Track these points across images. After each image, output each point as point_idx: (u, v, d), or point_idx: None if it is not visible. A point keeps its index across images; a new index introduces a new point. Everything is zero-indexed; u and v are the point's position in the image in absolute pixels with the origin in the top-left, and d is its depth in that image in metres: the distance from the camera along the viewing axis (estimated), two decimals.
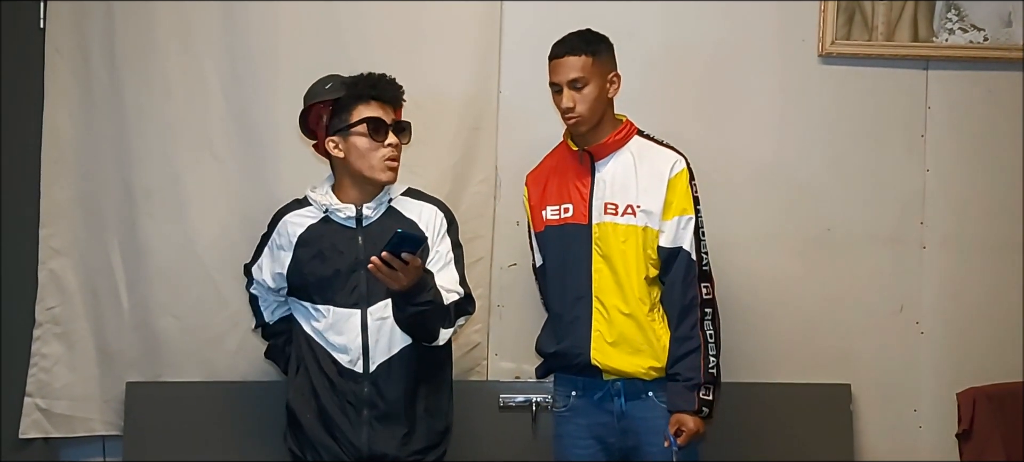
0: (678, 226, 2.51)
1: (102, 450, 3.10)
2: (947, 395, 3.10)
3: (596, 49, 2.53)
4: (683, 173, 2.54)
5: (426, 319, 2.40)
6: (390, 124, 2.47)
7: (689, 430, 2.46)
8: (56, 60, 2.99)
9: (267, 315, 2.65)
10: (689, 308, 2.50)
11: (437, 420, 2.53)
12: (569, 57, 2.51)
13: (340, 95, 2.46)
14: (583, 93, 2.51)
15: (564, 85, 2.51)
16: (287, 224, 2.54)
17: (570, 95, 2.51)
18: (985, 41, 3.09)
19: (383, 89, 2.48)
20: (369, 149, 2.45)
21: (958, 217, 3.14)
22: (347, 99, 2.46)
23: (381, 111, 2.46)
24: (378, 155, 2.45)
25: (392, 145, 2.46)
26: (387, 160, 2.46)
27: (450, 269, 2.50)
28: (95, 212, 3.01)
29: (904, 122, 3.13)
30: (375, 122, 2.45)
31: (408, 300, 2.34)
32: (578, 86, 2.50)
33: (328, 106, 2.47)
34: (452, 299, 2.45)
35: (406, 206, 2.54)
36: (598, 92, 2.52)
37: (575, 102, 2.51)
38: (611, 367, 2.52)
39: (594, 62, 2.51)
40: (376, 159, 2.45)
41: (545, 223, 2.63)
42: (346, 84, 2.47)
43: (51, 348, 3.01)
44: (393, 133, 2.47)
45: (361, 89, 2.46)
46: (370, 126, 2.44)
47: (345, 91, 2.46)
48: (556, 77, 2.53)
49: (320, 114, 2.48)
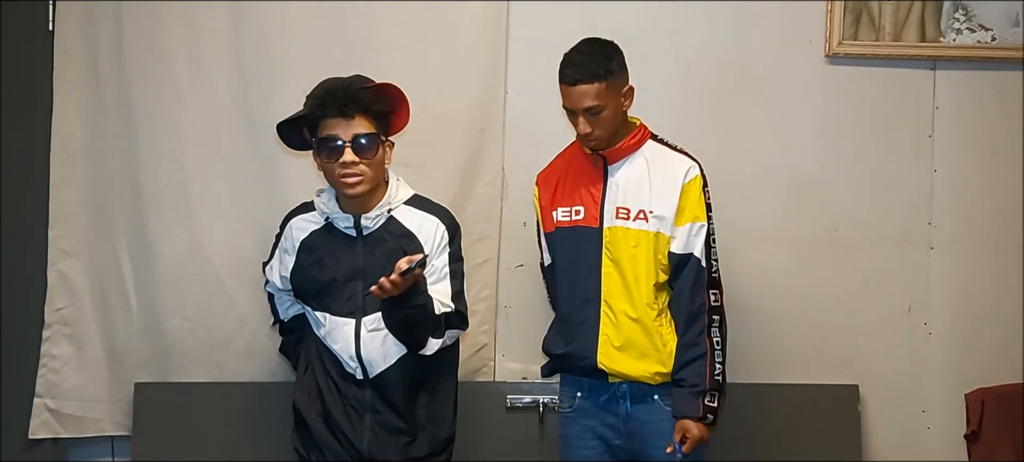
0: (690, 233, 2.51)
1: (111, 451, 3.11)
2: (955, 396, 3.10)
3: (609, 70, 2.46)
4: (697, 180, 2.53)
5: (416, 324, 2.38)
6: (348, 140, 2.37)
7: (694, 436, 2.46)
8: (65, 62, 3.00)
9: (282, 312, 2.66)
10: (697, 314, 2.50)
11: (440, 428, 2.52)
12: (582, 85, 2.44)
13: (304, 114, 2.41)
14: (600, 119, 2.47)
15: (579, 112, 2.47)
16: (293, 228, 2.54)
17: (587, 122, 2.46)
18: (993, 41, 3.08)
19: (329, 107, 2.37)
20: (326, 169, 2.42)
21: (966, 217, 3.13)
22: (312, 116, 2.41)
23: (336, 128, 2.37)
24: (335, 174, 2.40)
25: (346, 163, 2.36)
26: (342, 178, 2.38)
27: (445, 283, 2.47)
28: (104, 214, 3.02)
29: (912, 122, 3.12)
30: (326, 142, 2.38)
31: (400, 302, 2.32)
32: (595, 112, 2.46)
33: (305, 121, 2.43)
34: (442, 311, 2.43)
35: (407, 217, 2.49)
36: (614, 113, 2.49)
37: (593, 128, 2.47)
38: (617, 371, 2.52)
39: (608, 87, 2.45)
40: (334, 177, 2.41)
41: (556, 224, 2.62)
42: (308, 98, 2.42)
43: (60, 349, 3.02)
44: (351, 149, 2.37)
45: (311, 107, 2.40)
46: (320, 147, 2.40)
47: (307, 108, 2.41)
48: (570, 103, 2.48)
49: (302, 129, 2.45)
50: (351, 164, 2.37)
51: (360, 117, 2.39)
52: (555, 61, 2.56)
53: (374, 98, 2.42)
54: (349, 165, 2.37)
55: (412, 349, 2.43)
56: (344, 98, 2.38)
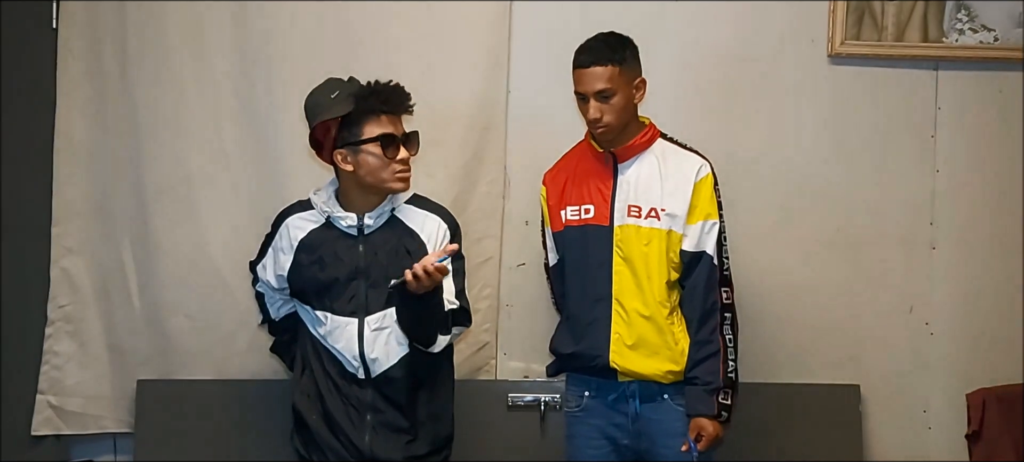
0: (702, 231, 2.51)
1: (113, 447, 3.12)
2: (957, 396, 3.10)
3: (622, 57, 2.49)
4: (708, 178, 2.53)
5: (430, 320, 2.39)
6: (400, 137, 2.44)
7: (709, 434, 2.46)
8: (68, 60, 3.00)
9: (273, 312, 2.65)
10: (710, 312, 2.50)
11: (440, 426, 2.52)
12: (595, 67, 2.46)
13: (349, 110, 2.41)
14: (611, 103, 2.48)
15: (591, 96, 2.48)
16: (289, 227, 2.53)
17: (598, 106, 2.47)
18: (995, 42, 3.08)
19: (394, 104, 2.44)
20: (380, 165, 2.42)
21: (968, 218, 3.13)
22: (356, 113, 2.41)
23: (391, 125, 2.43)
24: (390, 169, 2.43)
25: (403, 159, 2.44)
26: (398, 173, 2.44)
27: (448, 281, 2.47)
28: (107, 211, 3.03)
29: (914, 123, 3.12)
30: (387, 139, 2.42)
31: (422, 298, 2.31)
32: (605, 96, 2.47)
33: (337, 119, 2.42)
34: (449, 309, 2.44)
35: (409, 216, 2.51)
36: (625, 101, 2.50)
37: (603, 113, 2.48)
38: (629, 370, 2.52)
39: (621, 71, 2.47)
40: (388, 173, 2.43)
41: (565, 223, 2.62)
42: (355, 97, 2.41)
43: (63, 346, 3.02)
44: (403, 146, 2.44)
45: (372, 105, 2.42)
46: (383, 144, 2.41)
47: (353, 105, 2.41)
48: (582, 87, 2.49)
49: (328, 127, 2.43)
50: (406, 160, 2.45)
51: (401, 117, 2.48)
52: (557, 61, 2.56)
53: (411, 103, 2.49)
54: (405, 161, 2.44)
55: (422, 345, 2.43)
56: (405, 97, 2.45)
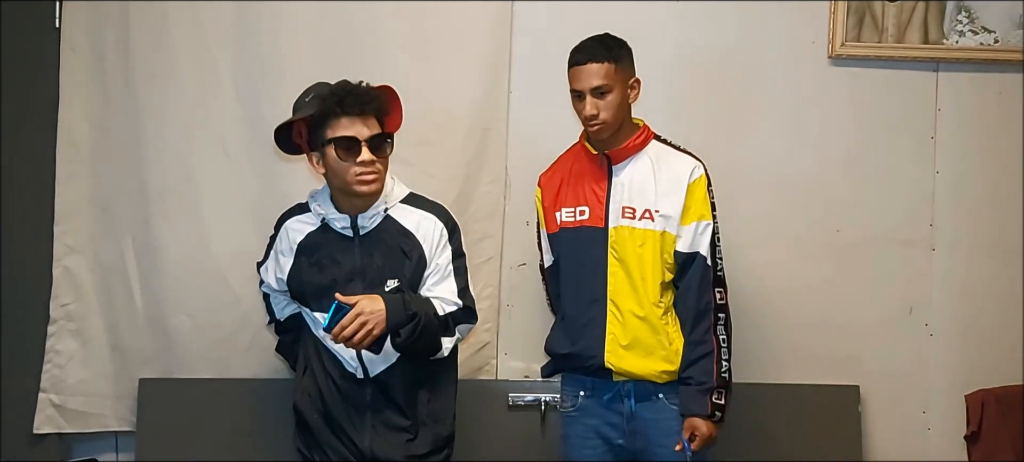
0: (696, 231, 2.52)
1: (115, 446, 3.13)
2: (956, 397, 3.10)
3: (618, 55, 2.51)
4: (702, 179, 2.55)
5: (419, 340, 2.37)
6: (365, 139, 2.36)
7: (702, 434, 2.47)
8: (71, 59, 3.01)
9: (278, 312, 2.65)
10: (703, 313, 2.51)
11: (441, 425, 2.52)
12: (591, 64, 2.48)
13: (313, 112, 2.39)
14: (606, 100, 2.49)
15: (586, 93, 2.49)
16: (288, 230, 2.53)
17: (593, 103, 2.49)
18: (995, 43, 3.09)
19: (349, 105, 2.36)
20: (341, 168, 2.38)
21: (968, 219, 3.13)
22: (320, 115, 2.39)
23: (354, 127, 2.36)
24: (351, 172, 2.37)
25: (364, 162, 2.36)
26: (359, 177, 2.37)
27: (449, 281, 2.47)
28: (109, 210, 3.04)
29: (914, 124, 3.12)
30: (345, 141, 2.36)
31: (396, 332, 2.32)
32: (601, 93, 2.49)
33: (304, 121, 2.41)
34: (448, 311, 2.44)
35: (404, 215, 2.48)
36: (620, 99, 2.51)
37: (598, 110, 2.49)
38: (624, 370, 2.52)
39: (616, 69, 2.50)
40: (350, 176, 2.38)
41: (560, 225, 2.63)
42: (319, 98, 2.40)
43: (65, 344, 3.03)
44: (368, 148, 2.37)
45: (328, 107, 2.37)
46: (338, 146, 2.37)
47: (317, 107, 2.38)
48: (578, 84, 2.51)
49: (300, 129, 2.43)
50: (370, 163, 2.38)
51: (372, 117, 2.41)
52: (559, 61, 2.57)
53: (384, 100, 2.43)
54: (368, 164, 2.37)
55: (429, 356, 2.43)
56: (365, 98, 2.39)
